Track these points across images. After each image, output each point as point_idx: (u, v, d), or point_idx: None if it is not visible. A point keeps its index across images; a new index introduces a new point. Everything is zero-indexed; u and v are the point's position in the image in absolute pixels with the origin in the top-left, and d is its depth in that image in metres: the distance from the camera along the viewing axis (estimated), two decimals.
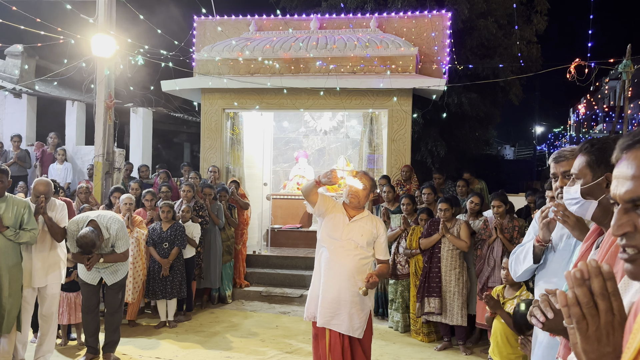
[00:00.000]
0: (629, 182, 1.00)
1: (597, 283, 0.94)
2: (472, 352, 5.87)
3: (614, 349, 0.94)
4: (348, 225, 3.73)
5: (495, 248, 5.77)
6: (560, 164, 2.44)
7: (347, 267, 3.66)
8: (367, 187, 3.79)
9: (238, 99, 9.35)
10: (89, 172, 9.21)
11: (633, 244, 0.99)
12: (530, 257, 2.54)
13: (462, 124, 13.82)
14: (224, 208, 7.66)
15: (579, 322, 0.95)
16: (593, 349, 0.94)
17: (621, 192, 1.01)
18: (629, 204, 1.00)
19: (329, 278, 3.68)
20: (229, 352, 5.67)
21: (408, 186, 8.27)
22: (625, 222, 1.00)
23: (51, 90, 11.85)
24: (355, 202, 3.78)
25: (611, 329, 0.94)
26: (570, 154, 2.46)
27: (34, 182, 5.03)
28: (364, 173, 3.92)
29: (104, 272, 5.13)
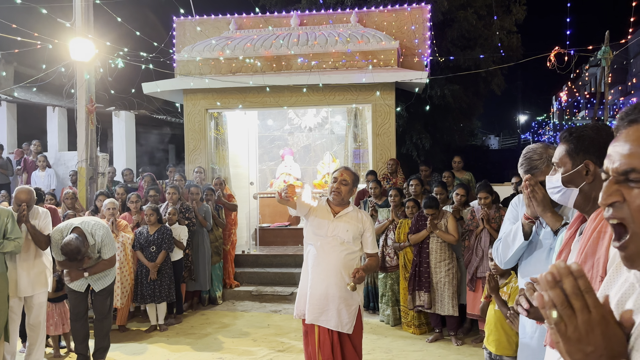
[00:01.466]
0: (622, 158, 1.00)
1: (568, 283, 0.94)
2: (464, 343, 5.90)
3: (595, 347, 0.93)
4: (333, 221, 3.72)
5: (483, 238, 5.80)
6: (535, 176, 2.46)
7: (333, 263, 3.65)
8: (348, 183, 3.76)
9: (221, 99, 9.30)
10: (71, 178, 9.10)
11: (619, 216, 0.99)
12: (520, 235, 2.55)
13: (445, 116, 13.88)
14: (211, 209, 7.62)
15: (557, 324, 0.95)
16: (575, 349, 0.94)
17: (615, 165, 1.01)
18: (621, 176, 1.00)
19: (316, 275, 3.67)
20: (220, 353, 5.65)
21: (394, 179, 8.29)
22: (614, 191, 1.00)
23: (31, 97, 11.72)
24: (338, 199, 3.76)
25: (589, 328, 0.93)
26: (540, 162, 2.48)
27: (15, 191, 4.97)
28: (346, 168, 3.88)
29: (90, 278, 5.07)
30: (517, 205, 2.76)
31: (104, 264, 5.03)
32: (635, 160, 0.98)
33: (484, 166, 20.00)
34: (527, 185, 2.38)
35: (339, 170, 3.83)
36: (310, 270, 3.70)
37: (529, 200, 2.41)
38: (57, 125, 11.47)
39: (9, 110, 11.38)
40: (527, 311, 1.65)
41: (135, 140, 12.26)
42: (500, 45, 12.95)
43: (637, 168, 0.98)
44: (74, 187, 8.61)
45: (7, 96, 11.28)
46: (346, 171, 3.81)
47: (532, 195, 2.37)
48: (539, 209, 2.37)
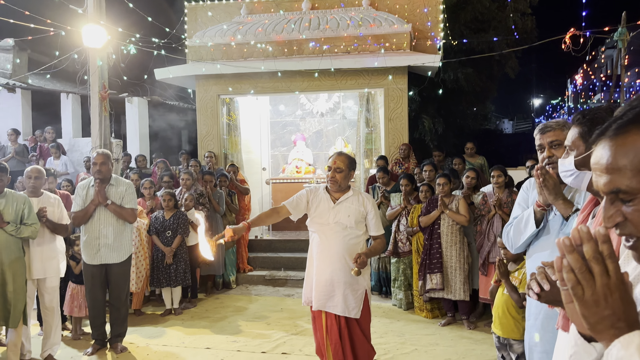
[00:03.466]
0: (605, 175, 1.00)
1: (589, 247, 0.95)
2: (476, 327, 5.92)
3: (613, 311, 0.94)
4: (333, 208, 3.70)
5: (495, 223, 5.78)
6: (547, 135, 2.45)
7: (337, 249, 3.65)
8: (343, 169, 3.71)
9: (232, 84, 9.31)
10: (85, 164, 9.19)
11: (627, 232, 1.00)
12: (532, 223, 2.55)
13: (459, 100, 13.78)
14: (224, 195, 7.68)
15: (574, 288, 0.96)
16: (592, 313, 0.95)
17: (601, 185, 1.02)
18: (611, 194, 1.00)
19: (320, 262, 3.68)
20: (235, 337, 5.72)
21: (406, 164, 8.28)
22: (613, 213, 1.00)
23: (45, 84, 11.79)
24: (335, 187, 3.73)
25: (608, 291, 0.94)
26: (555, 124, 2.47)
27: (25, 171, 5.04)
28: (339, 154, 3.80)
29: (104, 250, 5.12)
30: (528, 189, 2.75)
31: (125, 210, 5.15)
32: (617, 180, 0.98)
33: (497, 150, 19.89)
34: (538, 174, 2.37)
35: (333, 157, 3.76)
36: (315, 257, 3.72)
37: (540, 188, 2.40)
38: (71, 111, 11.55)
39: (23, 97, 11.48)
40: (538, 295, 1.65)
41: (148, 126, 12.33)
42: (514, 28, 12.79)
43: (621, 188, 0.98)
44: (88, 173, 8.69)
45: (22, 83, 11.36)
46: (339, 157, 3.75)
47: (543, 183, 2.36)
48: (550, 196, 2.36)
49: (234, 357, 5.12)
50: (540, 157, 2.53)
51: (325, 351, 3.70)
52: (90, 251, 5.14)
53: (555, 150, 2.45)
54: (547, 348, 2.54)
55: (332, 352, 3.67)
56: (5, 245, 4.41)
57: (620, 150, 0.97)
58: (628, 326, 0.95)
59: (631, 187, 0.96)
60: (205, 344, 5.49)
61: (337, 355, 3.67)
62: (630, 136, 0.97)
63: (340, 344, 3.68)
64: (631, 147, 0.96)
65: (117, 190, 5.19)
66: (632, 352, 0.92)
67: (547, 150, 2.46)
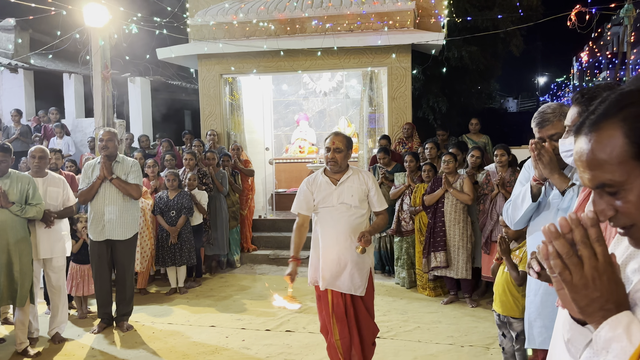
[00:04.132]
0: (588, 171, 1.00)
1: (578, 233, 0.96)
2: (479, 305, 5.97)
3: (601, 293, 0.96)
4: (336, 190, 3.71)
5: (498, 202, 5.79)
6: (546, 129, 2.45)
7: (343, 229, 3.67)
8: (342, 149, 3.69)
9: (235, 64, 9.26)
10: (89, 144, 9.20)
11: (621, 224, 1.01)
12: (528, 197, 2.57)
13: (463, 78, 13.68)
14: (227, 174, 7.69)
15: (562, 273, 0.97)
16: (581, 296, 0.96)
17: (586, 181, 1.02)
18: (598, 189, 1.01)
19: (326, 242, 3.71)
20: (240, 315, 5.79)
21: (410, 144, 8.25)
22: (604, 207, 1.01)
23: (47, 64, 11.76)
24: (336, 168, 3.73)
25: (596, 274, 0.95)
26: (552, 115, 2.47)
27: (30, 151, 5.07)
28: (336, 134, 3.78)
29: (109, 225, 5.20)
30: (529, 167, 2.76)
31: (130, 185, 5.25)
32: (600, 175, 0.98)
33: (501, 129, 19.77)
34: (533, 148, 2.38)
35: (330, 138, 3.73)
36: (321, 238, 3.74)
37: (535, 162, 2.41)
38: (73, 92, 11.53)
39: (26, 78, 11.45)
40: (538, 274, 1.67)
41: (151, 106, 12.30)
42: (519, 5, 12.63)
43: (605, 182, 0.98)
44: (92, 153, 8.71)
45: (24, 63, 11.33)
46: (337, 137, 3.73)
47: (538, 157, 2.38)
48: (545, 170, 2.38)
49: (238, 334, 5.18)
50: None
51: (332, 329, 3.75)
52: (96, 228, 5.23)
53: (556, 142, 2.45)
54: (546, 323, 2.58)
55: (338, 330, 3.72)
56: (11, 226, 4.45)
57: (597, 146, 0.98)
58: (616, 307, 0.96)
59: (614, 180, 0.97)
60: (210, 322, 5.55)
61: (343, 333, 3.72)
62: (604, 131, 0.97)
63: (346, 321, 3.73)
64: (607, 142, 0.96)
65: (123, 166, 5.28)
66: (620, 332, 0.93)
67: (549, 144, 2.47)
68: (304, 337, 5.06)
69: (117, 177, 5.21)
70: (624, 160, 0.95)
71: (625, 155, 0.95)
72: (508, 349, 3.69)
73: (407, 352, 4.66)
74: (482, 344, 4.78)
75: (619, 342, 0.92)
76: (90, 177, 5.24)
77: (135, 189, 5.29)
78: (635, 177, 0.95)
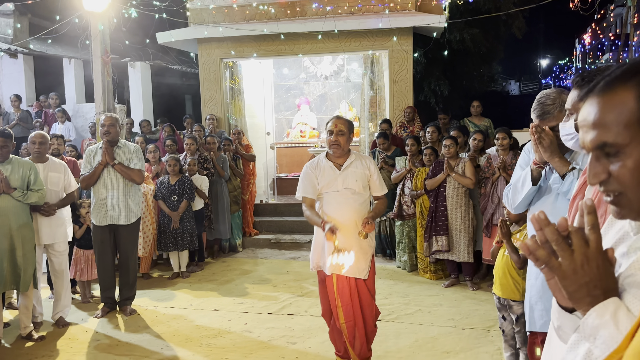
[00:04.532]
0: (591, 130, 1.00)
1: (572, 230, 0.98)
2: (480, 288, 6.00)
3: (590, 278, 0.96)
4: (340, 175, 3.72)
5: (499, 185, 5.79)
6: (547, 120, 2.44)
7: (348, 214, 3.69)
8: (345, 132, 3.71)
9: (235, 48, 9.20)
10: (90, 129, 9.20)
11: (611, 189, 1.00)
12: (528, 181, 2.57)
13: (464, 61, 13.60)
14: (228, 159, 7.69)
15: (548, 262, 0.98)
16: (570, 282, 0.97)
17: (587, 142, 1.02)
18: (597, 150, 1.00)
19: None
20: (242, 299, 5.83)
21: (411, 127, 8.23)
22: (599, 170, 1.01)
23: (47, 49, 11.69)
24: (339, 151, 3.74)
25: (585, 260, 0.96)
26: (553, 107, 2.45)
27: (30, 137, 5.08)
28: (338, 117, 3.80)
29: (112, 210, 5.22)
30: (529, 151, 2.76)
31: (132, 170, 5.27)
32: (604, 134, 0.98)
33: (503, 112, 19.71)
34: (533, 132, 2.38)
35: (332, 121, 3.74)
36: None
37: (536, 146, 2.41)
38: (73, 77, 11.49)
39: (25, 63, 11.41)
40: None
41: (152, 91, 12.26)
42: None
43: (607, 142, 0.98)
44: (93, 138, 8.71)
45: (23, 48, 11.27)
46: (339, 120, 3.74)
47: (538, 141, 2.37)
48: (546, 154, 2.38)
49: (241, 318, 5.22)
50: None
51: (337, 313, 3.78)
52: (99, 213, 5.26)
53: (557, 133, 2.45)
54: (547, 307, 2.59)
55: (344, 313, 3.75)
56: (13, 211, 4.46)
57: (606, 107, 0.98)
58: (604, 294, 0.97)
59: (617, 141, 0.96)
60: (213, 306, 5.59)
61: (349, 316, 3.75)
62: (616, 93, 0.97)
63: (351, 304, 3.76)
64: (618, 102, 0.96)
65: (125, 151, 5.29)
66: (607, 319, 0.94)
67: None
68: (305, 321, 5.09)
69: (119, 162, 5.22)
70: (631, 123, 0.95)
71: (633, 119, 0.95)
72: (508, 332, 3.71)
73: (408, 334, 4.69)
74: (483, 327, 4.82)
75: (606, 329, 0.93)
76: (92, 162, 5.25)
77: (137, 174, 5.30)
78: (637, 143, 0.95)
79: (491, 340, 4.51)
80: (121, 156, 5.27)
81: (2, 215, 4.40)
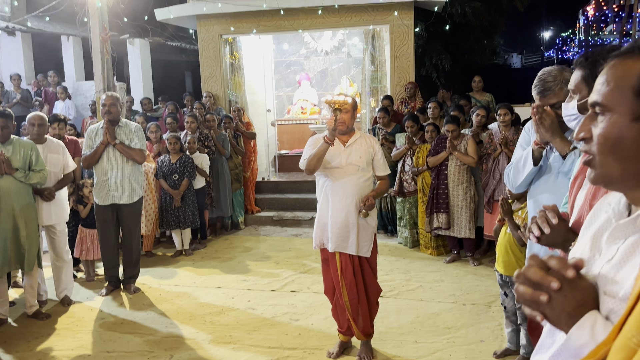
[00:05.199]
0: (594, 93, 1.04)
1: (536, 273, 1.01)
2: (481, 263, 6.03)
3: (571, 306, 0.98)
4: (345, 151, 3.74)
5: (501, 161, 5.78)
6: (548, 97, 2.42)
7: (351, 191, 3.71)
8: (349, 110, 3.73)
9: (234, 24, 9.11)
10: (90, 107, 9.17)
11: (587, 149, 1.05)
12: (530, 161, 2.57)
13: (466, 35, 13.45)
14: (229, 137, 7.67)
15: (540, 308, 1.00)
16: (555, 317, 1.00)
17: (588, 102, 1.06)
18: (592, 109, 1.04)
19: (335, 204, 3.74)
20: (245, 276, 5.88)
21: (413, 103, 8.19)
22: (585, 128, 1.05)
23: (45, 26, 11.57)
24: (344, 128, 3.76)
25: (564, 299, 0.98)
26: (554, 84, 2.43)
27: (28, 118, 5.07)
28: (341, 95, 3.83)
29: (114, 189, 5.25)
30: (529, 130, 2.75)
31: (134, 150, 5.28)
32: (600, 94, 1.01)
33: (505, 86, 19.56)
34: (535, 112, 2.37)
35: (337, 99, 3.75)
36: (330, 200, 3.77)
37: (537, 126, 2.40)
38: (72, 55, 11.40)
39: (24, 41, 11.31)
40: (538, 238, 1.68)
41: (151, 68, 12.17)
42: None
43: (598, 101, 1.01)
44: (93, 117, 8.69)
45: (21, 26, 11.16)
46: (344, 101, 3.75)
47: (539, 121, 2.36)
48: (547, 134, 2.37)
49: (244, 295, 5.28)
50: None
51: (340, 290, 3.82)
52: (101, 192, 5.29)
53: (559, 110, 2.43)
54: None
55: (347, 291, 3.79)
56: (15, 192, 4.48)
57: (613, 72, 1.01)
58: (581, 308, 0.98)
59: (604, 102, 1.00)
60: (216, 284, 5.65)
61: (352, 293, 3.80)
62: (625, 62, 1.00)
63: (354, 282, 3.80)
64: (622, 69, 1.00)
65: (126, 131, 5.29)
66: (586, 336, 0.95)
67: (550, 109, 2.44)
68: (308, 297, 5.14)
69: (120, 142, 5.21)
70: (625, 89, 0.98)
71: (629, 87, 0.97)
72: (509, 308, 3.75)
73: (410, 310, 4.74)
74: (484, 302, 4.86)
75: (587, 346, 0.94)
76: (94, 141, 5.25)
77: (138, 153, 5.31)
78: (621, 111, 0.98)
79: (492, 316, 4.56)
80: (122, 135, 5.27)
81: (5, 196, 4.42)
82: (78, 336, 4.45)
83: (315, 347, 4.10)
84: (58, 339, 4.41)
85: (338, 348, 3.97)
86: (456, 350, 3.98)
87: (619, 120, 0.97)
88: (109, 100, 5.21)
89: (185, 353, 4.08)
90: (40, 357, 4.09)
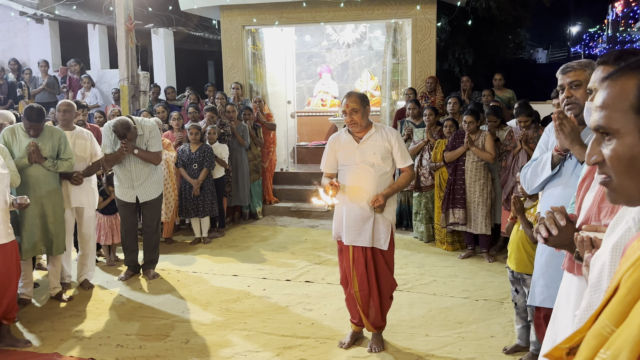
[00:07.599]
0: (595, 112, 1.04)
1: None
2: (496, 260, 6.04)
3: None
4: (358, 148, 3.75)
5: (520, 159, 5.76)
6: (567, 75, 2.45)
7: (367, 186, 3.74)
8: (358, 109, 3.69)
9: (257, 15, 9.17)
10: (114, 96, 9.33)
11: (603, 172, 1.06)
12: (548, 166, 2.60)
13: (490, 30, 13.32)
14: (249, 128, 7.76)
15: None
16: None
17: (591, 122, 1.06)
18: (596, 132, 1.04)
19: (351, 199, 3.78)
20: (261, 265, 5.97)
21: (433, 98, 8.18)
22: (594, 152, 1.05)
23: (72, 14, 11.77)
24: (357, 128, 3.75)
25: None
26: (577, 64, 2.46)
27: (58, 105, 5.20)
28: (349, 94, 3.79)
29: (138, 189, 5.38)
30: (549, 132, 2.76)
31: (151, 154, 5.36)
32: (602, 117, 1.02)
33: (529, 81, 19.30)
34: (555, 118, 2.38)
35: (344, 102, 3.73)
36: (346, 194, 3.80)
37: (557, 132, 2.42)
38: (98, 43, 11.59)
39: (51, 28, 11.52)
40: (545, 239, 1.72)
41: (174, 57, 12.30)
42: None
43: (602, 125, 1.02)
44: (117, 105, 8.84)
45: (49, 14, 11.37)
46: (350, 98, 3.72)
47: (560, 128, 2.37)
48: (566, 141, 2.38)
49: (260, 284, 5.37)
50: (560, 97, 2.53)
51: (352, 280, 3.87)
52: (124, 190, 5.42)
53: (574, 90, 2.45)
54: (548, 283, 2.67)
55: (358, 282, 3.85)
56: (43, 180, 4.62)
57: (611, 91, 1.02)
58: None
59: (609, 125, 1.01)
60: (233, 271, 5.75)
61: (363, 285, 3.85)
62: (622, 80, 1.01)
63: (365, 274, 3.84)
64: (620, 89, 1.01)
65: (142, 137, 5.34)
66: None
67: (567, 91, 2.46)
68: (322, 288, 5.22)
69: (139, 150, 5.28)
70: (626, 110, 0.99)
71: (628, 106, 0.99)
72: (520, 305, 3.78)
73: (422, 304, 4.79)
74: (497, 299, 4.88)
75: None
76: (111, 138, 5.28)
77: (156, 157, 5.40)
78: (628, 131, 0.99)
79: (504, 312, 4.58)
80: (139, 141, 5.32)
81: (34, 184, 4.57)
82: (98, 318, 4.59)
83: (327, 337, 4.18)
84: (79, 320, 4.55)
85: (350, 338, 4.04)
86: (466, 344, 4.02)
87: (627, 139, 0.98)
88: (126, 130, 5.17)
89: (200, 338, 4.19)
90: (62, 336, 4.24)
